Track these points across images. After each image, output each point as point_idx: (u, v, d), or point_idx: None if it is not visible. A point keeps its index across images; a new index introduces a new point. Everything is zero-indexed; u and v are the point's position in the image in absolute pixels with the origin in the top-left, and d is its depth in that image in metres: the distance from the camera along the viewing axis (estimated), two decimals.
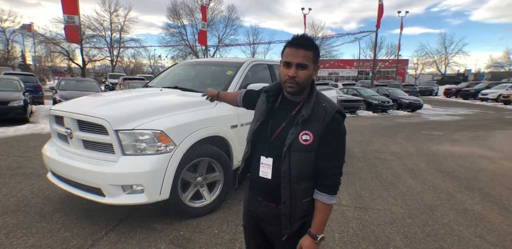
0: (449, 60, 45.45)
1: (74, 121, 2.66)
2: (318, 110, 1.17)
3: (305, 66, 1.16)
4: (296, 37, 1.18)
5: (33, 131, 7.06)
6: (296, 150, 1.16)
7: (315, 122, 1.16)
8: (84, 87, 10.87)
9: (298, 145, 1.15)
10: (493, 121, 11.51)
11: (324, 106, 1.19)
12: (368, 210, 3.18)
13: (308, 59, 1.16)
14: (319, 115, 1.16)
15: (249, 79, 3.62)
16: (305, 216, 1.22)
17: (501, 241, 2.60)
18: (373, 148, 6.36)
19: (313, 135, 1.15)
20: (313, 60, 1.18)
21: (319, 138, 1.15)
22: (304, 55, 1.15)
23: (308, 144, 1.15)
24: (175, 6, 33.24)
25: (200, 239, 2.51)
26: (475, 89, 25.29)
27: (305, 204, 1.21)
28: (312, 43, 1.18)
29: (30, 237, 2.45)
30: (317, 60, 1.21)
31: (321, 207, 1.19)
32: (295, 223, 1.22)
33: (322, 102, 1.20)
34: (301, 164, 1.17)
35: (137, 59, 43.08)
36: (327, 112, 1.17)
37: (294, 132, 1.16)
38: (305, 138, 1.15)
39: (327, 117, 1.16)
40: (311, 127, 1.16)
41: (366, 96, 15.04)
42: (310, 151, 1.16)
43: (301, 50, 1.15)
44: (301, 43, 1.15)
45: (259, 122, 1.27)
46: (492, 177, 4.47)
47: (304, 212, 1.22)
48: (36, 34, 27.48)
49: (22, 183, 3.67)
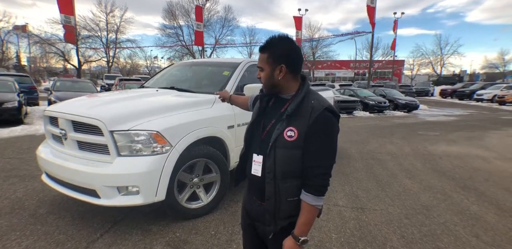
0: (445, 61, 45.94)
1: (68, 122, 2.64)
2: (304, 107, 1.17)
3: (262, 69, 1.24)
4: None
5: (27, 132, 6.99)
6: (280, 146, 1.16)
7: (300, 119, 1.15)
8: (80, 88, 10.79)
9: (282, 141, 1.15)
10: (488, 122, 11.60)
11: (313, 103, 1.17)
12: (365, 211, 3.18)
13: (262, 62, 1.23)
14: (305, 111, 1.15)
15: (245, 79, 3.61)
16: (292, 216, 1.20)
17: (496, 241, 2.61)
18: (369, 148, 6.38)
19: (298, 132, 1.14)
20: (268, 61, 1.21)
21: (304, 135, 1.13)
22: (261, 58, 1.24)
23: (292, 140, 1.14)
24: (171, 7, 33.26)
25: (196, 240, 2.49)
26: (470, 89, 25.49)
27: (290, 203, 1.19)
28: (268, 46, 1.21)
29: (24, 240, 2.42)
30: (276, 60, 1.19)
31: (306, 208, 1.16)
32: (280, 221, 1.21)
33: (312, 99, 1.18)
34: (286, 160, 1.16)
35: (133, 60, 42.95)
36: (314, 109, 1.15)
37: (280, 128, 1.17)
38: (289, 134, 1.15)
39: (314, 114, 1.13)
40: (296, 123, 1.15)
41: (363, 96, 15.10)
42: (295, 148, 1.14)
43: (260, 54, 1.24)
44: (260, 48, 1.24)
45: (252, 120, 1.33)
46: (488, 177, 4.50)
47: (291, 212, 1.20)
48: (31, 34, 27.27)
49: (16, 185, 3.62)
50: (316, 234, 2.65)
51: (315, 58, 39.97)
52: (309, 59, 38.79)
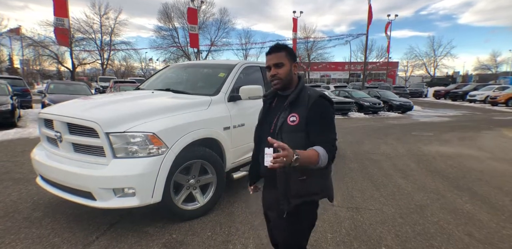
0: (438, 62, 46.40)
1: (63, 124, 2.63)
2: (303, 96, 1.39)
3: (281, 64, 1.40)
4: (270, 47, 1.45)
5: (21, 135, 6.92)
6: (285, 131, 1.36)
7: (301, 106, 1.36)
8: (74, 90, 10.70)
9: (286, 126, 1.36)
10: (481, 122, 11.74)
11: (309, 93, 1.40)
12: (360, 210, 3.21)
13: (281, 58, 1.41)
14: (304, 100, 1.37)
15: (241, 81, 3.63)
16: (302, 196, 1.34)
17: (489, 239, 2.65)
18: (364, 149, 6.42)
19: (299, 116, 1.35)
20: (287, 58, 1.42)
21: (305, 119, 1.34)
22: (277, 56, 1.41)
23: (295, 124, 1.35)
24: (166, 9, 33.22)
25: (193, 241, 2.50)
26: (463, 90, 25.77)
27: (301, 182, 1.33)
28: (283, 46, 1.43)
29: (18, 243, 2.41)
30: (293, 58, 1.44)
31: (313, 152, 1.25)
32: (292, 200, 1.33)
33: (308, 90, 1.42)
34: (292, 140, 1.31)
35: (128, 62, 42.80)
36: (311, 96, 1.37)
37: (284, 116, 1.38)
38: (292, 119, 1.35)
39: (311, 100, 1.36)
40: (297, 110, 1.36)
41: (358, 98, 15.20)
42: (298, 131, 1.34)
43: (274, 54, 1.41)
44: (272, 49, 1.42)
45: (259, 121, 1.51)
46: (480, 176, 4.56)
47: (301, 191, 1.34)
48: (24, 37, 26.98)
49: (10, 188, 3.59)
50: (311, 234, 2.66)
51: (310, 59, 40.16)
52: (304, 61, 38.96)
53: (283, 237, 1.48)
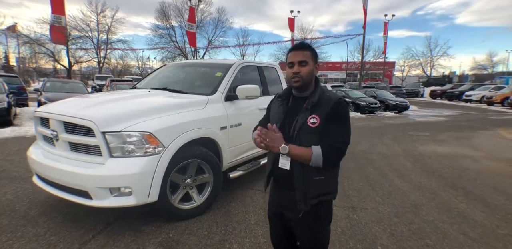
0: (435, 62, 46.60)
1: (60, 123, 2.62)
2: (324, 98, 1.39)
3: (305, 63, 1.40)
4: (296, 44, 1.46)
5: (17, 134, 6.88)
6: (305, 132, 1.37)
7: (322, 108, 1.37)
8: (70, 89, 10.65)
9: (306, 128, 1.36)
10: (477, 122, 11.83)
11: (329, 95, 1.41)
12: (356, 210, 3.23)
13: (306, 57, 1.40)
14: (325, 102, 1.38)
15: (238, 80, 3.64)
16: (319, 195, 1.38)
17: (483, 238, 2.68)
18: (361, 148, 6.45)
19: (320, 119, 1.36)
20: (312, 58, 1.42)
21: (324, 121, 1.35)
22: (303, 54, 1.40)
23: (315, 127, 1.36)
24: (164, 8, 33.07)
25: (189, 240, 2.50)
26: (459, 90, 25.93)
27: (317, 182, 1.37)
28: (308, 46, 1.44)
29: (15, 242, 2.40)
30: (315, 59, 1.44)
31: (307, 150, 1.33)
32: (310, 200, 1.37)
33: (326, 92, 1.43)
34: (310, 141, 1.35)
35: (125, 61, 42.56)
36: (331, 98, 1.39)
37: (304, 117, 1.38)
38: (312, 121, 1.36)
39: (331, 103, 1.37)
40: (318, 111, 1.37)
41: (354, 97, 15.24)
42: (316, 132, 1.36)
43: (300, 51, 1.41)
44: (299, 46, 1.42)
45: (279, 123, 1.46)
46: (476, 175, 4.60)
47: (318, 190, 1.38)
48: (20, 34, 26.76)
49: (6, 186, 3.58)
50: None
51: None
52: None
53: (306, 237, 1.50)
